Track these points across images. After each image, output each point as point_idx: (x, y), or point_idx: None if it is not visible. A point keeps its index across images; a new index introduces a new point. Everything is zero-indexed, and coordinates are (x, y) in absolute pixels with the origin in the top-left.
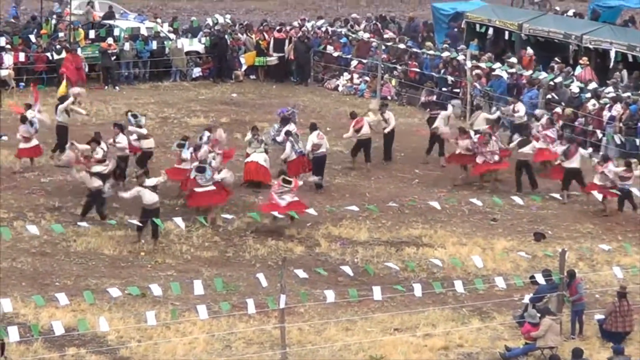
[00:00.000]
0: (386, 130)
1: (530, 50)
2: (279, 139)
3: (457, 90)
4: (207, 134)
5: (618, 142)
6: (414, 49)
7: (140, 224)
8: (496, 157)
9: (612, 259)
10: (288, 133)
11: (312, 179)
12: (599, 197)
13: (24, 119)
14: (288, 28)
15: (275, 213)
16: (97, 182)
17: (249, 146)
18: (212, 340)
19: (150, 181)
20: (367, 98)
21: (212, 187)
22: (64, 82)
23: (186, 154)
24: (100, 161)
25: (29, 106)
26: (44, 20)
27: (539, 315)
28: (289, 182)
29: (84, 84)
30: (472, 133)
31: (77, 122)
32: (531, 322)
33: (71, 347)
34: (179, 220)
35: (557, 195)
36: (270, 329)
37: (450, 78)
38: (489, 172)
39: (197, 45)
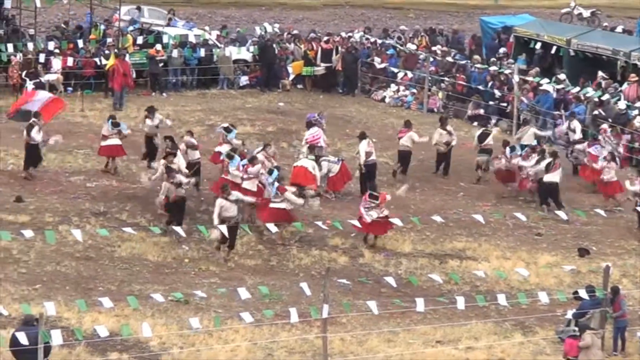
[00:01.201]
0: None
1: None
2: (303, 142)
3: (505, 104)
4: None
5: None
6: (462, 62)
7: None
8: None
9: None
10: (317, 157)
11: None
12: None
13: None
14: (336, 38)
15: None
16: (181, 192)
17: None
18: (255, 348)
19: (233, 194)
20: (413, 110)
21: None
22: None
23: (233, 166)
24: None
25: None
26: (93, 25)
27: (576, 329)
28: (376, 198)
29: (131, 89)
30: (517, 147)
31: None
32: (572, 335)
33: (114, 352)
34: (223, 227)
35: (601, 212)
36: (312, 339)
37: (497, 92)
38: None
39: (245, 53)
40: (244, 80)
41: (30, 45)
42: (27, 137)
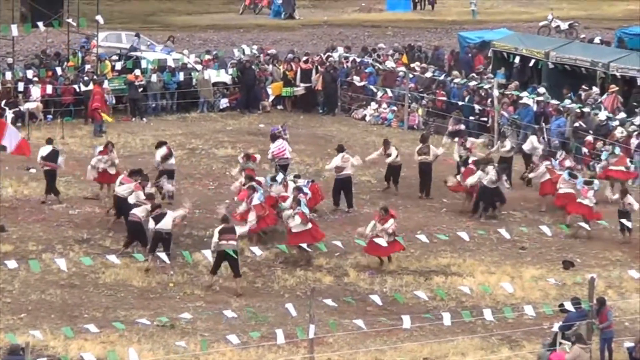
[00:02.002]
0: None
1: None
2: (269, 156)
3: (485, 119)
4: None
5: None
6: (441, 78)
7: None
8: None
9: None
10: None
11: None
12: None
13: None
14: (315, 58)
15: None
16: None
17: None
18: None
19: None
20: (394, 127)
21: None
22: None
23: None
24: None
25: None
26: (71, 53)
27: (567, 343)
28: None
29: (108, 114)
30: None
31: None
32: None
33: None
34: (207, 252)
35: (585, 225)
36: (299, 359)
37: (477, 107)
38: None
39: (224, 76)
40: (223, 102)
41: (9, 75)
42: (52, 164)
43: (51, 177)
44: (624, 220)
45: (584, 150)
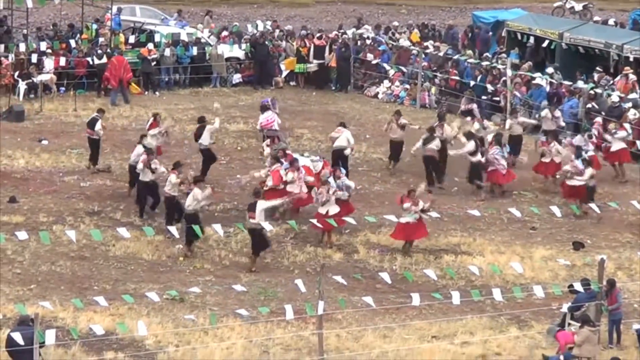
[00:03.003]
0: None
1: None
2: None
3: (497, 99)
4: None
5: None
6: (454, 57)
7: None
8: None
9: None
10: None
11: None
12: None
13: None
14: (330, 35)
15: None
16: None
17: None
18: (250, 345)
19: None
20: (406, 105)
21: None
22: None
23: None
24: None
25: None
26: (85, 26)
27: (575, 323)
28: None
29: (129, 83)
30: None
31: (117, 127)
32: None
33: (109, 350)
34: (217, 226)
35: (594, 207)
36: (308, 335)
37: (489, 87)
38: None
39: (237, 51)
40: (236, 78)
41: (23, 46)
42: (90, 130)
43: (91, 145)
44: None
45: (594, 131)
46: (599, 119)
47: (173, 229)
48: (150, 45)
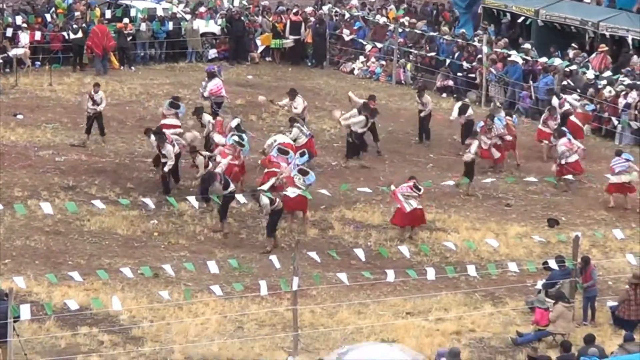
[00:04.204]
0: (422, 114)
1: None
2: (205, 94)
3: (473, 76)
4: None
5: (634, 128)
6: (430, 34)
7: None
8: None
9: (625, 246)
10: (292, 120)
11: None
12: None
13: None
14: (307, 10)
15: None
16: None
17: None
18: (225, 321)
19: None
20: (382, 81)
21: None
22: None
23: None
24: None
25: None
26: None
27: (548, 300)
28: (419, 189)
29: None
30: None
31: None
32: (541, 307)
33: (84, 325)
34: (192, 199)
35: (570, 177)
36: (282, 311)
37: (465, 64)
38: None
39: (213, 26)
40: (212, 53)
41: None
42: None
43: (97, 119)
44: None
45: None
46: (564, 96)
47: (148, 200)
48: (126, 20)
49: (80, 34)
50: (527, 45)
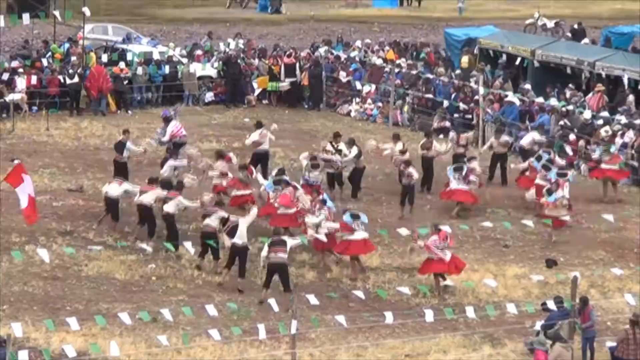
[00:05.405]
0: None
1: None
2: (166, 138)
3: (470, 116)
4: None
5: (631, 168)
6: (427, 75)
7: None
8: None
9: (624, 286)
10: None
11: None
12: None
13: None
14: (301, 53)
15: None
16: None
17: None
18: None
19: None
20: (379, 123)
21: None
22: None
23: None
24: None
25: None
26: (57, 45)
27: (549, 341)
28: (447, 238)
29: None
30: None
31: (90, 146)
32: (541, 349)
33: None
34: (188, 245)
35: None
36: (281, 355)
37: (462, 105)
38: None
39: (209, 69)
40: (209, 96)
41: None
42: (119, 155)
43: (116, 167)
44: None
45: (568, 148)
46: (574, 137)
47: (145, 245)
48: (123, 64)
49: (77, 79)
50: (527, 86)
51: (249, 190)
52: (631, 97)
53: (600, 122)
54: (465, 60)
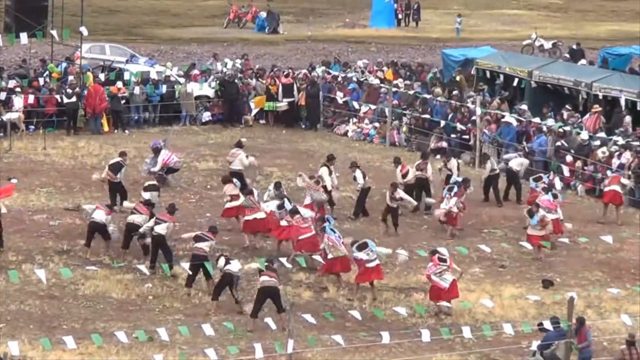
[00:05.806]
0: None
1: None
2: (157, 168)
3: (467, 137)
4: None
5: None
6: (424, 95)
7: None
8: None
9: (620, 307)
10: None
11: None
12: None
13: (226, 180)
14: (299, 74)
15: (444, 303)
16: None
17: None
18: None
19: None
20: (376, 143)
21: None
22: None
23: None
24: None
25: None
26: (55, 64)
27: None
28: (445, 260)
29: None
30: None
31: (87, 165)
32: None
33: None
34: (186, 265)
35: (566, 240)
36: None
37: (459, 126)
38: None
39: (207, 89)
40: (206, 116)
41: None
42: (112, 174)
43: (110, 188)
44: None
45: (565, 169)
46: (571, 158)
47: (142, 267)
48: (120, 84)
49: (74, 98)
50: (524, 106)
51: (260, 212)
52: (628, 118)
53: (597, 142)
54: (457, 80)
